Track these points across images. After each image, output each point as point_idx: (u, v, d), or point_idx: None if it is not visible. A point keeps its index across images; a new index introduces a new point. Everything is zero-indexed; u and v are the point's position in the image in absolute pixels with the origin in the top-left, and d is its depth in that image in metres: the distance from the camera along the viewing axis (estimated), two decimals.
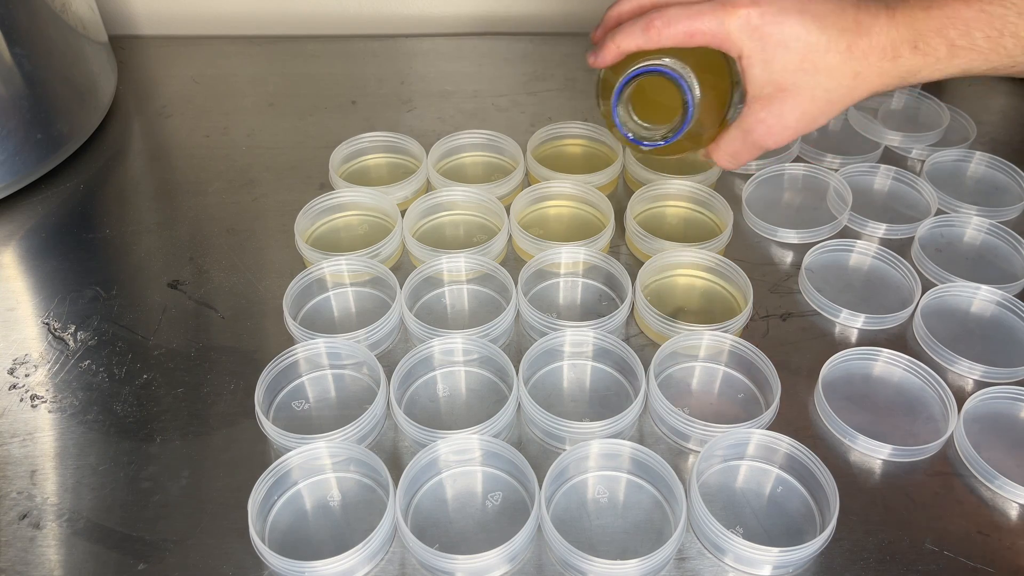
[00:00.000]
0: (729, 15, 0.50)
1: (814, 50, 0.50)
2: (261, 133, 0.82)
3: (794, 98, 0.52)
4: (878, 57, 0.50)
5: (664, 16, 0.51)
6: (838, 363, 0.59)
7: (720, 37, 0.51)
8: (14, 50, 0.69)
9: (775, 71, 0.51)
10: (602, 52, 0.53)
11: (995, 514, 0.52)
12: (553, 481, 0.51)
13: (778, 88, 0.52)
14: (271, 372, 0.57)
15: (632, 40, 0.52)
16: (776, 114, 0.52)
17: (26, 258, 0.69)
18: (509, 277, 0.62)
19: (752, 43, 0.50)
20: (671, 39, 0.51)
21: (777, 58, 0.50)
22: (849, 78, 0.51)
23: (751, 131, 0.54)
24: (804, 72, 0.51)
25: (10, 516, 0.51)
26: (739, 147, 0.55)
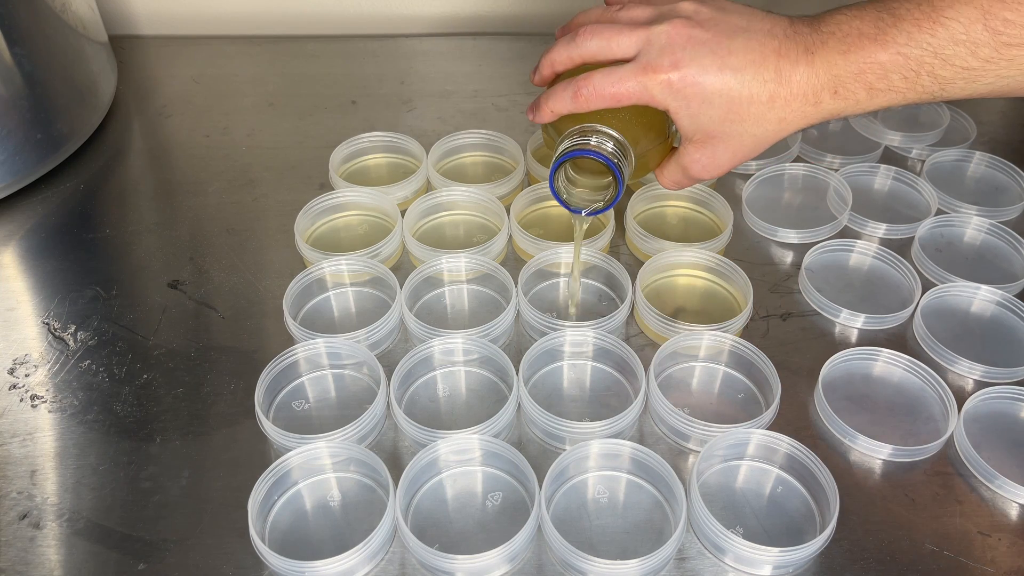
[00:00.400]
0: (650, 79, 0.51)
1: (737, 103, 0.51)
2: (261, 133, 0.82)
3: (724, 143, 0.53)
4: (800, 103, 0.51)
5: (589, 84, 0.52)
6: (838, 363, 0.59)
7: (645, 99, 0.52)
8: (14, 50, 0.69)
9: (702, 123, 0.53)
10: (538, 112, 0.55)
11: (995, 514, 0.52)
12: (553, 481, 0.51)
13: (707, 135, 0.53)
14: (271, 372, 0.57)
15: (563, 106, 0.54)
16: (709, 155, 0.54)
17: (26, 258, 0.69)
18: (509, 277, 0.62)
19: (676, 102, 0.52)
20: (599, 106, 0.53)
21: (702, 113, 0.52)
22: (774, 124, 0.52)
23: (688, 168, 0.56)
24: (730, 122, 0.52)
25: (10, 516, 0.51)
26: (680, 178, 0.57)
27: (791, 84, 0.50)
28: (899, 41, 0.48)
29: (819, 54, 0.50)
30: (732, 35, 0.51)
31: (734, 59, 0.51)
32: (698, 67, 0.51)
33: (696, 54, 0.51)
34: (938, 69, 0.48)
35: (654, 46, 0.52)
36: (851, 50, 0.49)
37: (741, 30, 0.52)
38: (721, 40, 0.51)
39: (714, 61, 0.51)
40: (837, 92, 0.50)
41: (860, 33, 0.49)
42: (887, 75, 0.49)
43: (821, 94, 0.50)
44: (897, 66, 0.49)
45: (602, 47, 0.53)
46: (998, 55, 0.47)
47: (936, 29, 0.47)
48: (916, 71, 0.49)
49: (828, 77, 0.50)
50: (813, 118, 0.52)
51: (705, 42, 0.51)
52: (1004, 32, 0.46)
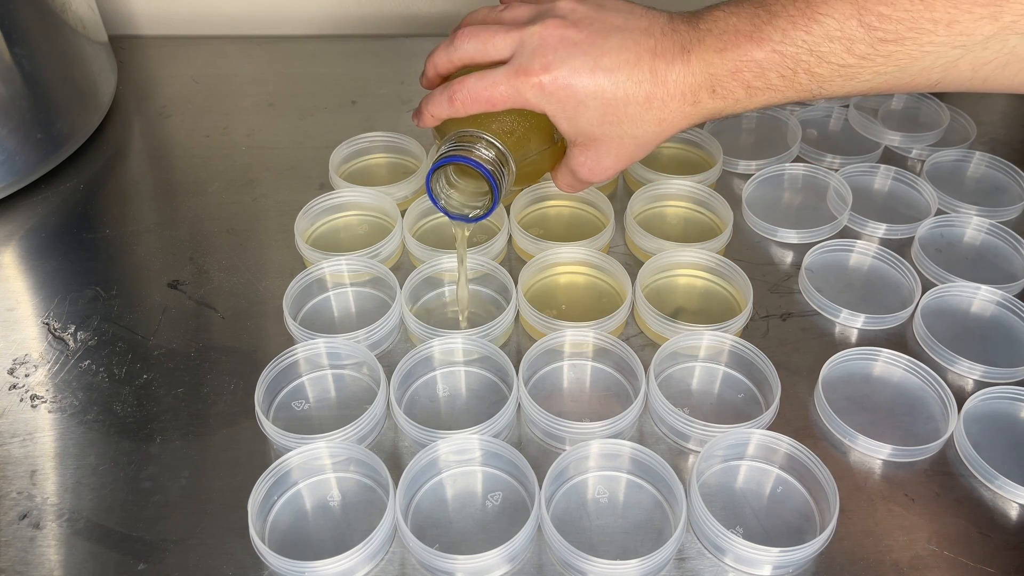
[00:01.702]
0: (523, 82, 0.51)
1: (612, 104, 0.51)
2: (261, 133, 0.82)
3: (605, 145, 0.53)
4: (678, 103, 0.50)
5: (463, 88, 0.52)
6: (838, 363, 0.59)
7: (520, 103, 0.52)
8: (14, 50, 0.69)
9: (580, 126, 0.52)
10: (420, 116, 0.55)
11: (995, 514, 0.52)
12: (553, 481, 0.51)
13: (588, 138, 0.53)
14: (271, 372, 0.57)
15: (441, 110, 0.54)
16: (593, 157, 0.54)
17: (26, 258, 0.69)
18: (509, 277, 0.62)
19: (551, 105, 0.51)
20: (475, 111, 0.53)
21: (579, 115, 0.51)
22: (653, 124, 0.52)
23: (575, 171, 0.56)
24: (608, 124, 0.52)
25: (10, 516, 0.51)
26: (571, 180, 0.57)
27: (667, 84, 0.50)
28: (774, 39, 0.47)
29: (695, 52, 0.49)
30: (607, 35, 0.51)
31: (607, 59, 0.50)
32: (569, 69, 0.50)
33: (568, 55, 0.50)
34: (815, 67, 0.47)
35: (527, 48, 0.51)
36: (727, 48, 0.49)
37: (616, 29, 0.51)
38: (595, 40, 0.51)
39: (586, 63, 0.50)
40: (715, 91, 0.50)
41: (736, 31, 0.49)
42: (764, 73, 0.48)
43: (699, 93, 0.50)
44: (774, 64, 0.48)
45: (478, 49, 0.53)
46: (874, 51, 0.46)
47: (811, 26, 0.46)
48: (793, 69, 0.48)
49: (705, 76, 0.49)
50: (693, 118, 0.52)
51: (578, 43, 0.51)
52: (879, 28, 0.45)
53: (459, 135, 0.54)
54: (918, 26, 0.44)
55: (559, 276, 0.66)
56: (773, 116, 0.81)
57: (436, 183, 0.55)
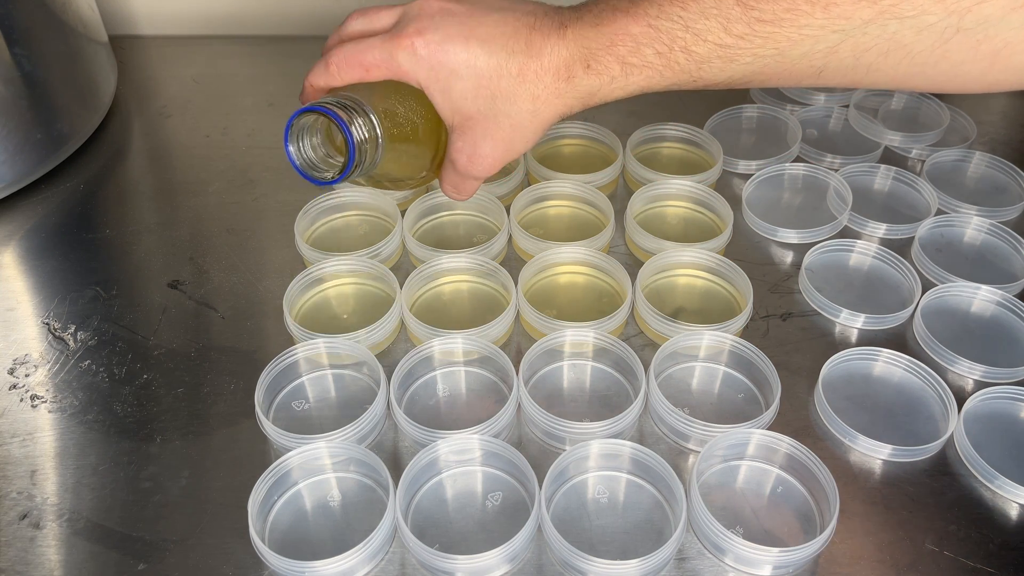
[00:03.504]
0: (396, 47, 0.50)
1: (485, 75, 0.50)
2: (261, 133, 0.82)
3: (482, 126, 0.52)
4: (552, 78, 0.50)
5: (339, 53, 0.51)
6: (838, 363, 0.59)
7: (393, 69, 0.51)
8: (14, 50, 0.69)
9: (455, 99, 0.51)
10: (302, 91, 0.55)
11: (995, 514, 0.52)
12: (553, 481, 0.51)
13: (465, 117, 0.52)
14: (271, 372, 0.57)
15: (319, 77, 0.53)
16: (471, 143, 0.53)
17: (26, 258, 0.69)
18: (509, 277, 0.62)
19: (425, 72, 0.50)
20: (351, 76, 0.51)
21: (453, 86, 0.50)
22: (528, 101, 0.50)
23: (455, 161, 0.54)
24: (482, 99, 0.50)
25: (10, 516, 0.51)
26: (455, 178, 0.56)
27: (542, 57, 0.49)
28: (650, 13, 0.47)
29: (572, 27, 0.49)
30: (487, 11, 0.51)
31: (483, 30, 0.50)
32: (443, 35, 0.50)
33: (443, 23, 0.50)
34: (691, 44, 0.47)
35: (407, 18, 0.51)
36: (603, 23, 0.48)
37: (498, 8, 0.51)
38: (474, 13, 0.50)
39: (461, 31, 0.50)
40: (590, 66, 0.49)
41: (614, 8, 0.48)
42: (639, 48, 0.48)
43: (573, 67, 0.49)
44: (649, 39, 0.47)
45: (364, 25, 0.54)
46: (752, 32, 0.45)
47: (687, 3, 0.46)
48: (669, 46, 0.47)
49: (579, 49, 0.49)
50: (568, 96, 0.50)
51: (457, 13, 0.50)
52: (756, 7, 0.44)
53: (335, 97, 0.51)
54: (795, 7, 0.44)
55: (559, 276, 0.66)
56: (773, 116, 0.82)
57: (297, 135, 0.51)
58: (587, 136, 0.78)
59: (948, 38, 0.43)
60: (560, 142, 0.79)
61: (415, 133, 0.53)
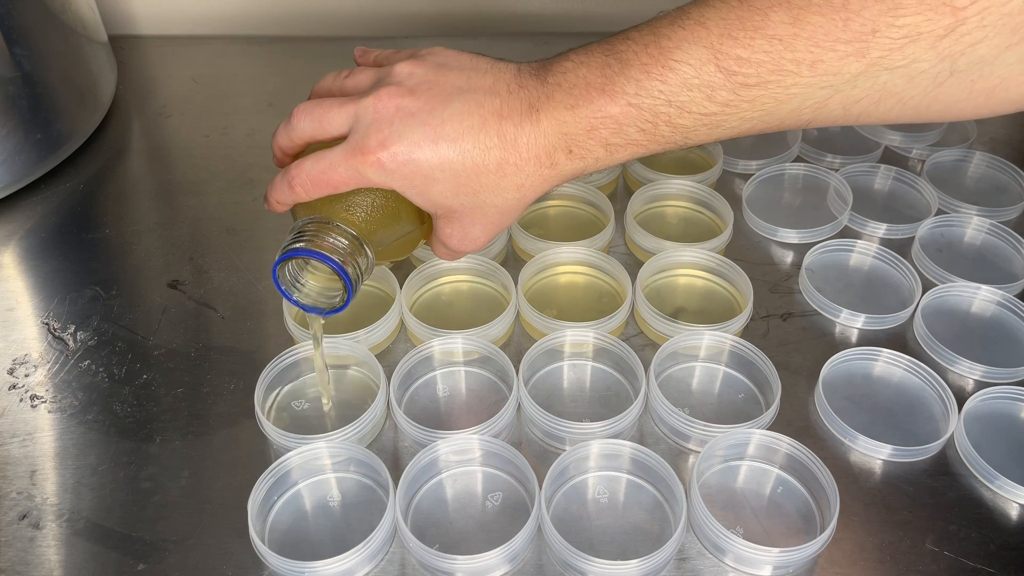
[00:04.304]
0: (360, 162, 0.47)
1: (463, 176, 0.47)
2: (261, 133, 0.82)
3: (469, 215, 0.50)
4: (534, 167, 0.47)
5: (301, 173, 0.48)
6: (838, 363, 0.59)
7: (363, 183, 0.48)
8: (14, 50, 0.69)
9: (435, 199, 0.48)
10: (268, 202, 0.52)
11: (995, 514, 0.52)
12: (553, 481, 0.51)
13: (449, 210, 0.49)
14: (271, 372, 0.57)
15: (284, 197, 0.50)
16: (459, 229, 0.51)
17: (26, 258, 0.69)
18: (509, 277, 0.62)
19: (398, 182, 0.47)
20: (318, 194, 0.49)
21: (430, 189, 0.48)
22: (512, 191, 0.48)
23: (447, 242, 0.52)
24: (464, 195, 0.48)
25: (10, 516, 0.51)
26: (447, 252, 0.54)
27: (519, 148, 0.46)
28: (628, 91, 0.44)
29: (544, 111, 0.45)
30: (447, 100, 0.47)
31: (448, 128, 0.46)
32: (409, 143, 0.46)
33: (405, 129, 0.46)
34: (676, 118, 0.44)
35: (362, 123, 0.47)
36: (579, 104, 0.45)
37: (458, 92, 0.47)
38: (434, 108, 0.46)
39: (426, 134, 0.46)
40: (572, 151, 0.46)
41: (587, 83, 0.45)
42: (622, 129, 0.45)
43: (555, 155, 0.46)
44: (631, 118, 0.44)
45: (316, 128, 0.49)
46: (737, 97, 0.43)
47: (666, 75, 0.43)
48: (652, 122, 0.44)
49: (558, 136, 0.46)
50: (554, 180, 0.48)
51: (415, 113, 0.46)
52: (739, 72, 0.42)
53: (305, 223, 0.49)
54: (780, 68, 0.42)
55: (559, 276, 0.66)
56: None
57: (284, 273, 0.51)
58: None
59: (941, 81, 0.41)
60: None
61: (398, 224, 0.52)
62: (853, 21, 0.40)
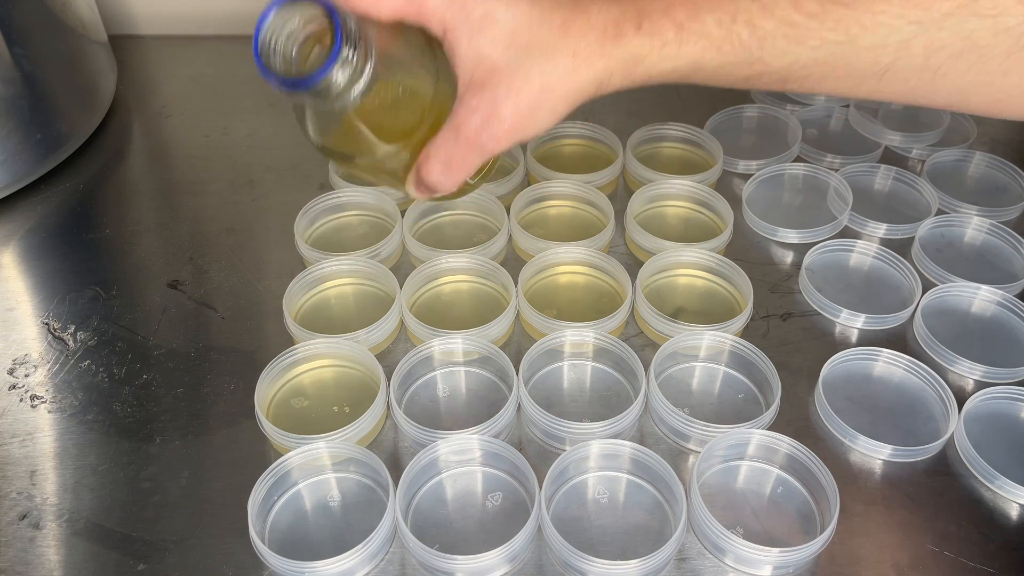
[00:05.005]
0: None
1: (524, 22, 0.43)
2: (261, 133, 0.82)
3: (507, 82, 0.43)
4: (598, 36, 0.43)
5: None
6: (838, 363, 0.59)
7: (418, 3, 0.43)
8: (14, 50, 0.69)
9: (483, 46, 0.43)
10: None
11: (995, 514, 0.52)
12: (553, 481, 0.51)
13: (489, 70, 0.43)
14: (271, 372, 0.57)
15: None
16: (488, 101, 0.44)
17: (26, 258, 0.69)
18: (509, 277, 0.62)
19: (455, 13, 0.43)
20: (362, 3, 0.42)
21: (484, 31, 0.43)
22: (567, 57, 0.43)
23: (462, 126, 0.44)
24: (515, 48, 0.43)
25: (10, 516, 0.51)
26: (451, 150, 0.45)
27: (589, 12, 0.43)
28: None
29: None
30: None
31: None
32: None
33: None
34: (757, 18, 0.42)
35: None
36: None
37: None
38: None
39: None
40: (642, 26, 0.43)
41: None
42: (699, 14, 0.42)
43: (624, 25, 0.43)
44: (712, 5, 0.42)
45: None
46: (823, 11, 0.41)
47: None
48: (732, 16, 0.42)
49: (633, 8, 0.43)
50: (611, 59, 0.44)
51: None
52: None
53: None
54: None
55: (559, 276, 0.66)
56: (773, 116, 0.81)
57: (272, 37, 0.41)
58: (587, 136, 0.78)
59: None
60: (560, 142, 0.79)
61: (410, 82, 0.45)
62: None
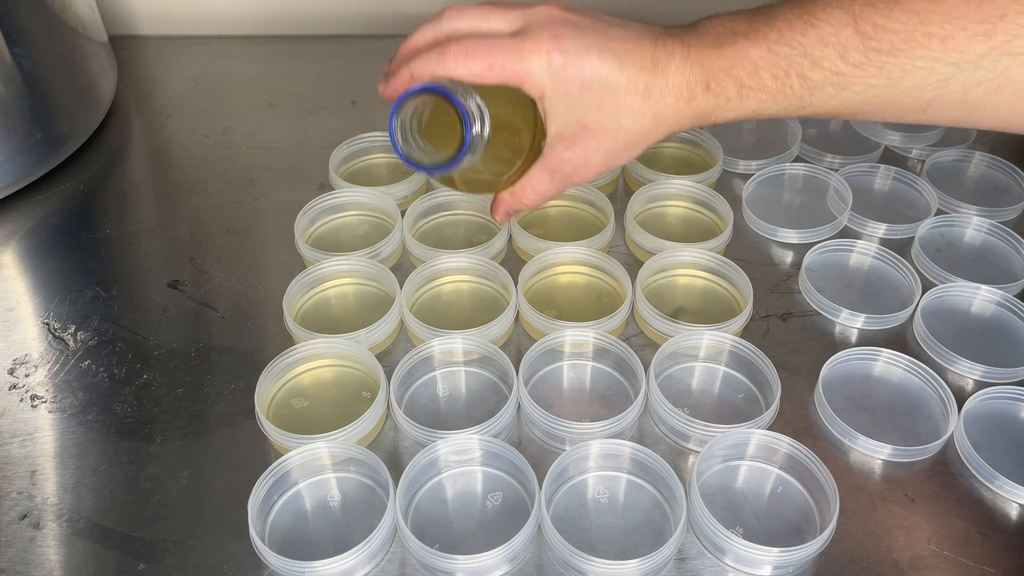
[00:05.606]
0: (531, 52, 0.48)
1: (614, 91, 0.49)
2: (261, 133, 0.82)
3: (597, 138, 0.51)
4: (675, 98, 0.50)
5: (462, 46, 0.49)
6: (838, 363, 0.59)
7: (521, 75, 0.49)
8: (14, 50, 0.69)
9: (577, 111, 0.50)
10: (394, 79, 0.51)
11: (995, 514, 0.52)
12: (553, 481, 0.51)
13: (581, 128, 0.51)
14: (271, 372, 0.57)
15: (426, 67, 0.49)
16: (580, 153, 0.52)
17: (26, 258, 0.69)
18: (509, 277, 0.62)
19: (554, 84, 0.49)
20: (468, 72, 0.49)
21: (579, 99, 0.50)
22: (649, 119, 0.50)
23: (557, 170, 0.53)
24: (605, 113, 0.50)
25: (10, 516, 0.51)
26: (547, 187, 0.54)
27: (667, 75, 0.49)
28: (770, 38, 0.47)
29: (694, 47, 0.49)
30: (611, 25, 0.51)
31: (615, 44, 0.49)
32: (580, 47, 0.49)
33: (579, 34, 0.49)
34: (807, 70, 0.47)
35: (534, 23, 0.49)
36: (724, 45, 0.48)
37: (619, 24, 0.51)
38: (600, 27, 0.50)
39: (596, 42, 0.49)
40: (709, 87, 0.49)
41: (734, 31, 0.49)
42: (757, 71, 0.48)
43: (695, 88, 0.49)
44: (767, 63, 0.48)
45: (472, 25, 0.50)
46: (867, 61, 0.46)
47: (807, 29, 0.47)
48: (786, 70, 0.48)
49: (701, 71, 0.49)
50: (684, 116, 0.51)
51: (585, 27, 0.50)
52: (874, 37, 0.45)
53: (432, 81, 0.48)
54: (912, 39, 0.44)
55: (559, 276, 0.66)
56: None
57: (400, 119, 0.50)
58: None
59: None
60: None
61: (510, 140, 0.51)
62: (986, 5, 0.43)
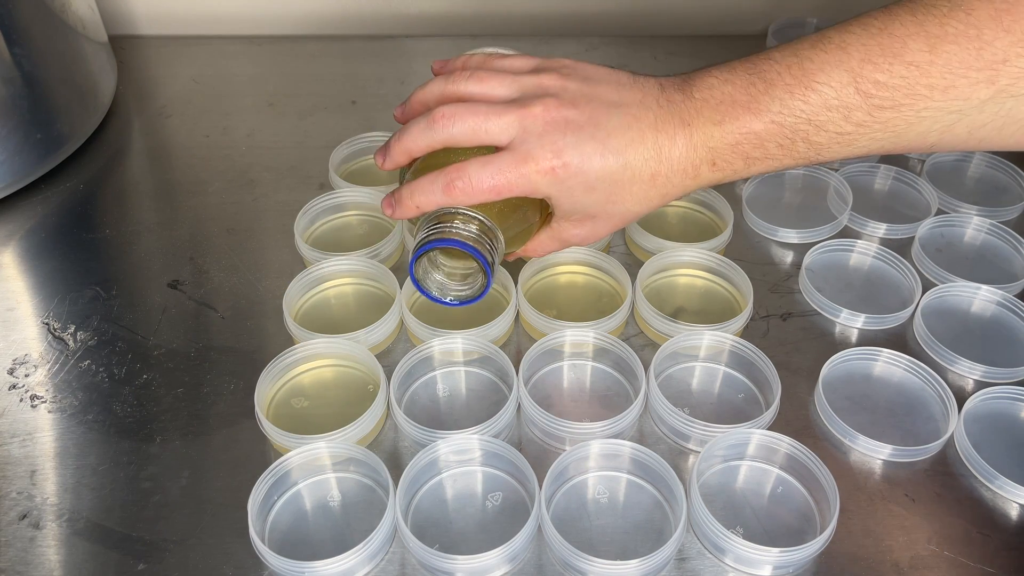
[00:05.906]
0: (535, 172, 0.49)
1: (619, 186, 0.50)
2: (261, 133, 0.82)
3: (605, 219, 0.52)
4: (680, 178, 0.50)
5: (465, 176, 0.49)
6: (838, 363, 0.59)
7: (527, 190, 0.50)
8: (14, 50, 0.69)
9: (585, 207, 0.51)
10: (400, 206, 0.52)
11: (995, 514, 0.52)
12: (553, 481, 0.51)
13: (588, 216, 0.52)
14: (271, 372, 0.57)
15: (432, 200, 0.50)
16: (588, 230, 0.53)
17: (26, 258, 0.69)
18: (509, 276, 0.62)
19: (560, 191, 0.50)
20: (478, 199, 0.50)
21: (585, 198, 0.50)
22: (656, 200, 0.51)
23: (567, 241, 0.55)
24: (612, 203, 0.51)
25: (10, 516, 0.51)
26: (555, 248, 0.56)
27: (671, 160, 0.49)
28: (773, 109, 0.47)
29: (695, 126, 0.49)
30: (608, 113, 0.49)
31: (614, 141, 0.49)
32: (580, 155, 0.49)
33: (577, 140, 0.49)
34: (812, 135, 0.47)
35: (531, 133, 0.49)
36: (726, 120, 0.48)
37: (615, 105, 0.50)
38: (599, 121, 0.49)
39: (596, 147, 0.49)
40: (715, 164, 0.49)
41: (733, 101, 0.48)
42: (763, 144, 0.48)
43: (700, 168, 0.50)
44: (772, 135, 0.48)
45: (469, 135, 0.50)
46: (871, 119, 0.46)
47: (808, 95, 0.46)
48: (791, 139, 0.48)
49: (706, 150, 0.49)
50: (690, 189, 0.51)
51: (582, 126, 0.49)
52: (876, 95, 0.45)
53: (440, 216, 0.51)
54: (914, 92, 0.45)
55: (559, 276, 0.66)
56: None
57: (419, 267, 0.53)
58: None
59: None
60: None
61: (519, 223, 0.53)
62: (985, 50, 0.43)
